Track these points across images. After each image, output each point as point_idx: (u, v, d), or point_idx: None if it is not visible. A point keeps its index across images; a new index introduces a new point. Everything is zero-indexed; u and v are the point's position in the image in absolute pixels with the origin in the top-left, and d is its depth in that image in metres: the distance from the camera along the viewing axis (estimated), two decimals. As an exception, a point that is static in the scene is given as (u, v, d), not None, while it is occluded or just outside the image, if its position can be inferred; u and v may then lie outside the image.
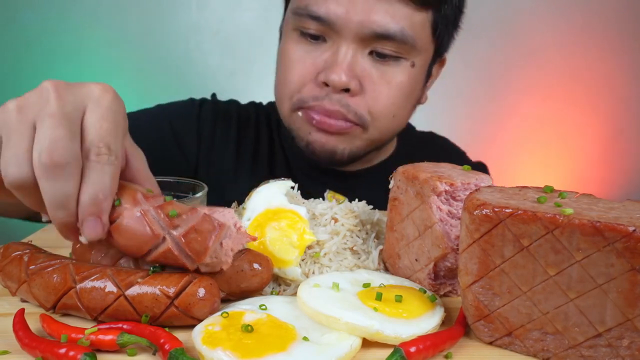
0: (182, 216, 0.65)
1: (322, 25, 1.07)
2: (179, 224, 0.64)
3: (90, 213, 0.62)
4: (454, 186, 0.73)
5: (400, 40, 1.07)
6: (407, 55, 1.11)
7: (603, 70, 2.77)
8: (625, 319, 0.56)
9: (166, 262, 0.66)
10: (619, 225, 0.54)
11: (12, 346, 0.63)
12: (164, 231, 0.64)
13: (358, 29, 1.05)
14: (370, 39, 1.07)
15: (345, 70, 1.06)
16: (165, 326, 0.65)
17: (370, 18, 1.05)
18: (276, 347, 0.58)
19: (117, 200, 0.65)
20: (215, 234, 0.65)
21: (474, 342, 0.66)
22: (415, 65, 1.13)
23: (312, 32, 1.09)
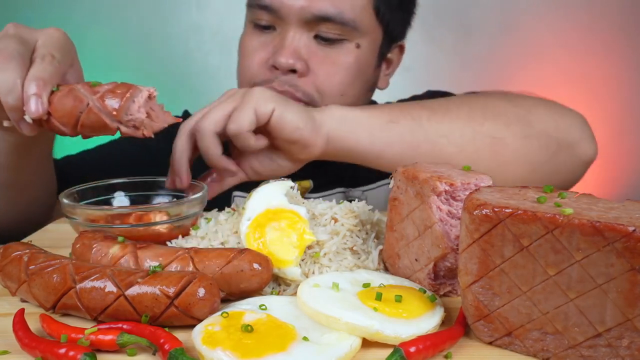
0: (103, 85, 0.81)
1: (270, 14, 1.17)
2: (98, 91, 0.80)
3: (32, 93, 0.77)
4: (454, 186, 0.73)
5: (341, 23, 1.16)
6: (350, 37, 1.19)
7: (603, 70, 2.77)
8: (625, 319, 0.56)
9: (92, 124, 0.80)
10: (619, 225, 0.54)
11: (12, 346, 0.63)
12: (86, 98, 0.80)
13: (300, 13, 1.14)
14: (312, 22, 1.15)
15: (291, 53, 1.15)
16: (165, 326, 0.65)
17: (310, 3, 1.14)
18: (276, 347, 0.58)
19: (56, 87, 0.80)
20: (127, 94, 0.80)
21: (474, 342, 0.66)
22: (360, 47, 1.21)
23: (263, 23, 1.19)
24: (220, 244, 0.85)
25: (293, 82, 1.17)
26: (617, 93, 2.79)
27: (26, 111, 0.78)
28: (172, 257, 0.74)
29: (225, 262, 0.72)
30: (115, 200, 1.02)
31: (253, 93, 0.95)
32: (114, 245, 0.77)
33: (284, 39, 1.16)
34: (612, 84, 2.77)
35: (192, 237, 0.89)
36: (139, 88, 0.81)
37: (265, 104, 0.94)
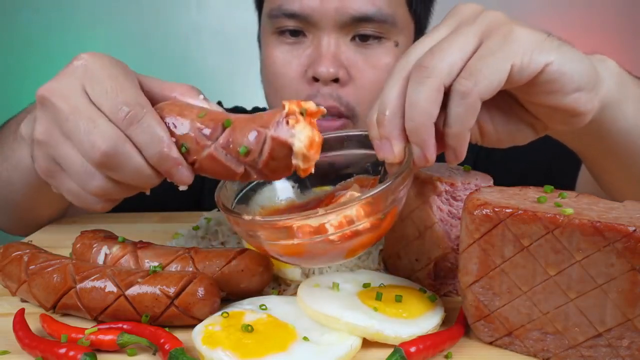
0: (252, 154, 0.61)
1: (299, 21, 1.06)
2: (254, 157, 0.61)
3: (168, 168, 0.62)
4: (454, 186, 0.73)
5: (380, 20, 1.06)
6: (389, 35, 1.09)
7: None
8: (626, 319, 0.56)
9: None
10: (619, 225, 0.54)
11: (12, 346, 0.63)
12: (240, 167, 0.62)
13: (336, 16, 1.04)
14: (349, 24, 1.05)
15: (331, 60, 1.04)
16: (165, 326, 0.65)
17: (345, 4, 1.03)
18: (276, 347, 0.58)
19: (184, 147, 0.62)
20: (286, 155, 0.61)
21: (474, 342, 0.66)
22: (399, 45, 1.11)
23: (290, 27, 1.07)
24: (220, 244, 0.85)
25: (336, 94, 1.06)
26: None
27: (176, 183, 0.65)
28: (172, 257, 0.74)
29: (225, 262, 0.72)
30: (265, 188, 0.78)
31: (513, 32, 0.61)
32: (114, 245, 0.77)
33: (319, 46, 1.05)
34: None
35: (192, 237, 0.89)
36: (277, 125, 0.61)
37: (534, 53, 0.61)
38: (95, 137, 0.60)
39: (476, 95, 0.60)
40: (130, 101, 0.61)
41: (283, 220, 0.60)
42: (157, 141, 0.61)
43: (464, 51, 0.61)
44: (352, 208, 0.59)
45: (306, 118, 0.61)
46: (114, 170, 0.62)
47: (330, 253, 0.63)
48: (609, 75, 0.70)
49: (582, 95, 0.65)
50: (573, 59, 0.64)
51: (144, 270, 0.68)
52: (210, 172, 0.64)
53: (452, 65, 0.60)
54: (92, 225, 0.91)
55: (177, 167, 0.62)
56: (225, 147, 0.61)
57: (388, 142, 0.63)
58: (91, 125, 0.61)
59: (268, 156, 0.61)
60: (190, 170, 0.63)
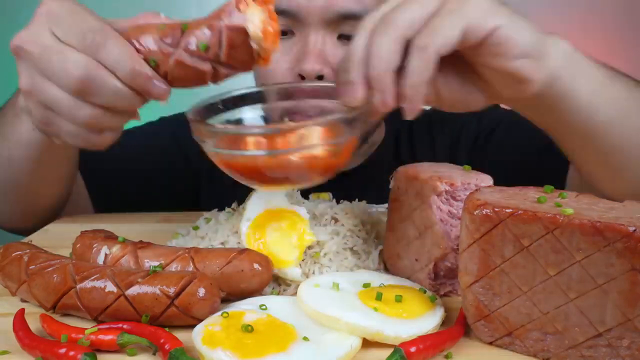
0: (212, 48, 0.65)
1: (287, 18, 1.07)
2: (215, 51, 0.65)
3: (142, 84, 0.65)
4: (454, 186, 0.73)
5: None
6: None
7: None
8: (626, 319, 0.56)
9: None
10: (619, 225, 0.54)
11: (12, 346, 0.63)
12: (206, 64, 0.66)
13: (322, 13, 1.05)
14: (335, 22, 1.06)
15: (317, 58, 1.05)
16: (165, 326, 0.65)
17: (332, 1, 1.04)
18: (276, 347, 0.58)
19: (152, 60, 0.66)
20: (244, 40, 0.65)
21: (474, 342, 0.66)
22: None
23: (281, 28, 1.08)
24: (220, 244, 0.85)
25: None
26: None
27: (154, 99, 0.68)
28: (172, 257, 0.74)
29: (226, 262, 0.72)
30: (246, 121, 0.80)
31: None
32: (114, 245, 0.77)
33: (306, 43, 1.06)
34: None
35: (192, 237, 0.89)
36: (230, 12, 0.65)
37: (485, 16, 0.67)
38: (67, 66, 0.64)
39: (433, 49, 0.64)
40: (94, 28, 0.65)
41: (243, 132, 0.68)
42: (126, 59, 0.64)
43: (425, 9, 0.66)
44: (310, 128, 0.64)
45: (258, 3, 0.65)
46: (94, 95, 0.65)
47: (291, 173, 0.67)
48: (559, 51, 0.75)
49: (527, 62, 0.70)
50: (521, 27, 0.70)
51: (144, 270, 0.68)
52: (182, 79, 0.67)
53: (413, 20, 0.66)
54: (92, 225, 0.91)
55: (151, 81, 0.66)
56: (187, 49, 0.65)
57: (351, 87, 0.67)
58: (62, 57, 0.64)
59: (227, 46, 0.64)
60: (164, 82, 0.67)
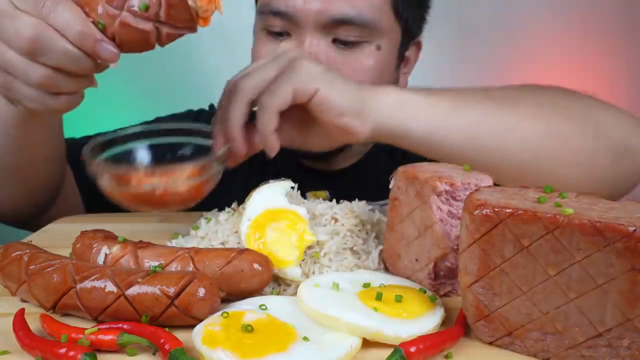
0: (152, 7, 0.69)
1: (284, 20, 1.10)
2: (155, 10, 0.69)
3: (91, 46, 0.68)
4: (454, 186, 0.73)
5: (360, 24, 1.09)
6: (370, 39, 1.12)
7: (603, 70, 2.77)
8: (626, 319, 0.56)
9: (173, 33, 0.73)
10: (619, 225, 0.54)
11: (12, 346, 0.63)
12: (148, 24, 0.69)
13: (317, 17, 1.08)
14: (330, 26, 1.09)
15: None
16: (166, 326, 0.65)
17: (327, 5, 1.07)
18: (276, 347, 0.58)
19: (100, 23, 0.69)
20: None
21: (474, 342, 0.66)
22: (381, 49, 1.14)
23: (277, 29, 1.12)
24: (220, 244, 0.85)
25: None
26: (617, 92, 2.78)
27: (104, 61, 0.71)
28: (172, 257, 0.74)
29: (226, 262, 0.72)
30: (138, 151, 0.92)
31: (299, 66, 0.84)
32: (114, 245, 0.77)
33: (300, 45, 1.10)
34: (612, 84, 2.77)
35: (192, 237, 0.89)
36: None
37: (309, 81, 0.83)
38: (18, 28, 0.67)
39: (271, 107, 0.82)
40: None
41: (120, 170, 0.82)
42: (74, 22, 0.68)
43: (265, 76, 0.85)
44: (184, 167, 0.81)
45: None
46: (44, 55, 0.68)
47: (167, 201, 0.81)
48: (384, 103, 0.89)
49: (349, 118, 0.86)
50: (339, 90, 0.85)
51: (144, 270, 0.68)
52: (128, 41, 0.70)
53: (254, 86, 0.85)
54: (92, 225, 0.91)
55: (100, 43, 0.69)
56: (130, 10, 0.69)
57: (214, 139, 0.87)
58: (14, 20, 0.68)
59: (166, 5, 0.69)
60: (113, 45, 0.70)
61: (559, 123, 0.96)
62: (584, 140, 0.97)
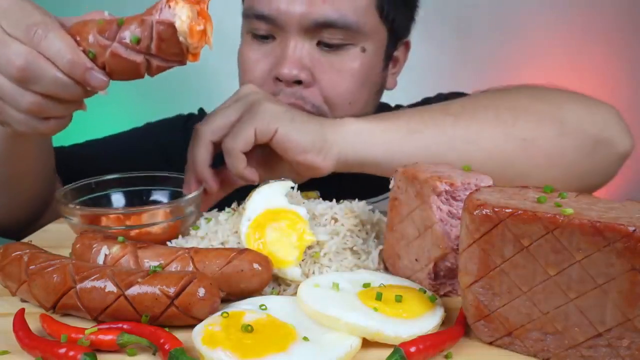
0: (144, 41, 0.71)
1: (268, 23, 1.11)
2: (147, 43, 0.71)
3: (81, 74, 0.70)
4: (454, 186, 0.73)
5: (344, 27, 1.10)
6: (355, 41, 1.13)
7: (604, 70, 2.77)
8: (626, 319, 0.56)
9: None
10: (619, 225, 0.54)
11: (12, 346, 0.63)
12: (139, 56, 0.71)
13: (300, 21, 1.08)
14: (314, 29, 1.09)
15: (295, 63, 1.09)
16: (166, 326, 0.65)
17: (310, 9, 1.08)
18: (276, 347, 0.58)
19: (90, 52, 0.71)
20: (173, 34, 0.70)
21: (474, 342, 0.66)
22: (366, 51, 1.15)
23: (262, 32, 1.13)
24: (220, 244, 0.85)
25: (299, 93, 1.10)
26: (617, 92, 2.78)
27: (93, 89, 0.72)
28: (172, 257, 0.74)
29: (225, 262, 0.72)
30: (113, 197, 1.01)
31: (259, 107, 0.90)
32: (114, 245, 0.77)
33: (285, 48, 1.10)
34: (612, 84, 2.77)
35: (192, 237, 0.89)
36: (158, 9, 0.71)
37: (269, 122, 0.89)
38: (9, 56, 0.69)
39: (236, 149, 0.88)
40: (37, 22, 0.70)
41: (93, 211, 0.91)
42: (65, 51, 0.69)
43: (226, 121, 0.91)
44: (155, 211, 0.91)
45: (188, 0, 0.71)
46: (34, 83, 0.69)
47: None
48: (344, 135, 0.95)
49: (311, 155, 0.91)
50: (299, 129, 0.91)
51: (144, 270, 0.68)
52: (118, 70, 0.72)
53: (215, 129, 0.92)
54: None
55: (90, 72, 0.70)
56: (122, 42, 0.71)
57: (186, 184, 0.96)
58: (5, 47, 0.69)
59: (157, 39, 0.70)
60: (103, 73, 0.71)
61: (520, 128, 0.98)
62: (549, 140, 0.99)
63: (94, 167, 1.09)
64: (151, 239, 0.87)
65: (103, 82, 0.71)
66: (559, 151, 0.99)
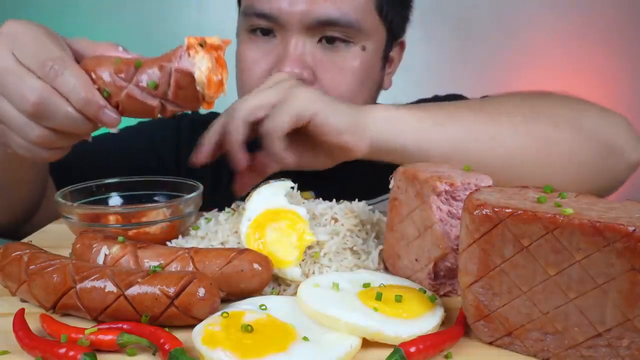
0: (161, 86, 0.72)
1: (269, 21, 1.11)
2: (164, 89, 0.72)
3: (94, 112, 0.70)
4: (454, 186, 0.73)
5: (345, 25, 1.10)
6: (356, 40, 1.14)
7: (604, 70, 2.77)
8: (625, 319, 0.56)
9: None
10: (619, 225, 0.54)
11: (12, 346, 0.63)
12: (155, 100, 0.72)
13: (302, 19, 1.08)
14: (315, 27, 1.10)
15: (296, 61, 1.09)
16: (165, 326, 0.65)
17: (312, 7, 1.08)
18: (276, 347, 0.58)
19: (105, 91, 0.71)
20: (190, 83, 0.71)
21: (474, 342, 0.66)
22: (366, 50, 1.16)
23: (262, 26, 1.13)
24: (220, 244, 0.85)
25: None
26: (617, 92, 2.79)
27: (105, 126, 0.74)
28: (172, 257, 0.74)
29: (225, 262, 0.72)
30: (112, 200, 1.02)
31: (296, 91, 0.90)
32: (114, 245, 0.77)
33: (286, 47, 1.10)
34: (613, 84, 2.77)
35: (192, 237, 0.89)
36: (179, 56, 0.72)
37: (307, 105, 0.89)
38: (24, 90, 0.69)
39: (275, 132, 0.88)
40: (53, 57, 0.70)
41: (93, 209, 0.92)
42: (80, 88, 0.69)
43: (265, 101, 0.90)
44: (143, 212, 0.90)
45: (207, 50, 0.72)
46: (47, 119, 0.70)
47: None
48: (375, 120, 0.94)
49: (347, 136, 0.91)
50: (335, 111, 0.91)
51: (143, 270, 0.68)
52: (131, 110, 0.73)
53: (253, 108, 0.90)
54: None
55: (102, 110, 0.71)
56: (138, 85, 0.71)
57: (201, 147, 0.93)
58: (20, 81, 0.69)
59: (175, 86, 0.71)
60: (115, 112, 0.72)
61: (542, 129, 0.99)
62: (568, 143, 1.00)
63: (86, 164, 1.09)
64: (150, 238, 0.88)
65: (115, 121, 0.72)
66: (576, 154, 1.01)
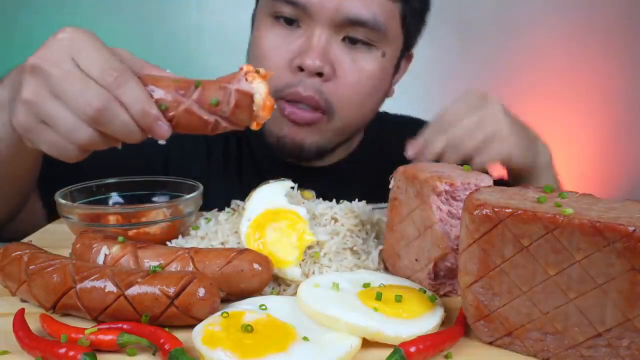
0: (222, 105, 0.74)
1: (297, 9, 1.10)
2: (223, 107, 0.74)
3: (149, 123, 0.73)
4: (454, 186, 0.73)
5: (373, 27, 1.10)
6: (378, 44, 1.14)
7: (604, 70, 2.77)
8: (625, 319, 0.56)
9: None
10: (619, 225, 0.54)
11: (12, 346, 0.63)
12: (212, 117, 0.75)
13: (332, 14, 1.08)
14: (343, 24, 1.09)
15: (319, 55, 1.08)
16: (165, 326, 0.65)
17: (343, 4, 1.08)
18: (276, 347, 0.58)
19: (163, 105, 0.74)
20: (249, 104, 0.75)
21: (474, 342, 0.66)
22: (385, 56, 1.16)
23: (287, 15, 1.11)
24: (220, 244, 0.85)
25: (318, 87, 1.10)
26: (616, 93, 2.78)
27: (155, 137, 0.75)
28: (172, 257, 0.74)
29: (225, 262, 0.72)
30: (112, 200, 1.03)
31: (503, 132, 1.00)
32: (114, 245, 0.77)
33: (310, 38, 1.09)
34: (613, 84, 2.77)
35: (192, 237, 0.89)
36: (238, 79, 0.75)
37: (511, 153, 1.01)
38: (89, 96, 0.70)
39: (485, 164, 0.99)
40: (116, 67, 0.72)
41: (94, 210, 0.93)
42: (140, 100, 0.72)
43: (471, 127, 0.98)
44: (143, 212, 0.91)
45: (262, 77, 0.76)
46: (104, 125, 0.72)
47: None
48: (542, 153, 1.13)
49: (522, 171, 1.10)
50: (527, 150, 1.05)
51: (143, 270, 0.68)
52: (185, 124, 0.75)
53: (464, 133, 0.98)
54: (92, 225, 0.91)
55: (157, 122, 0.73)
56: (198, 101, 0.74)
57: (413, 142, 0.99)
58: (84, 86, 0.71)
59: (234, 105, 0.74)
60: (168, 125, 0.74)
61: None
62: None
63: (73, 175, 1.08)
64: (150, 238, 0.88)
65: (166, 133, 0.74)
66: None
